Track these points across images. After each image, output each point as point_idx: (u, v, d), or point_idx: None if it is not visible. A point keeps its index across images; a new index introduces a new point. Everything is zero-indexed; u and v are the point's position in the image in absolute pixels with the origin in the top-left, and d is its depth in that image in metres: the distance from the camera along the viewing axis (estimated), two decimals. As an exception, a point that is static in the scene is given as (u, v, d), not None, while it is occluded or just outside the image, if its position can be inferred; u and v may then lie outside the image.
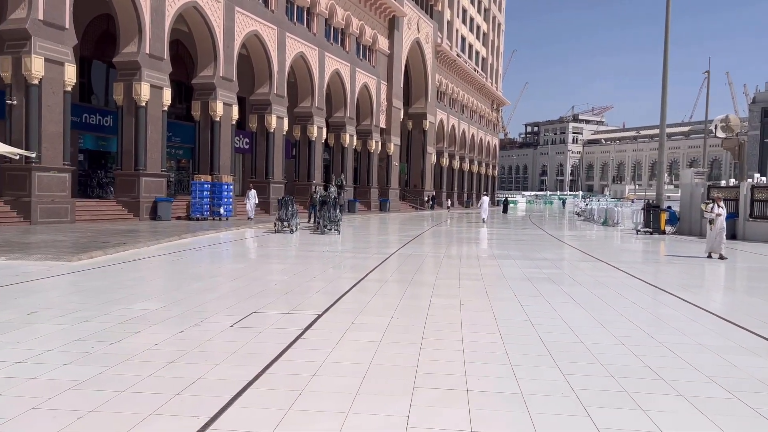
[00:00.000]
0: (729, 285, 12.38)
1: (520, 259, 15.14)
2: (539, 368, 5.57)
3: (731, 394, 4.92)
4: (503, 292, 9.84)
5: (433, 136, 58.95)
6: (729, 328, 7.59)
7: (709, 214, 16.39)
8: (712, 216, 16.22)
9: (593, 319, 7.85)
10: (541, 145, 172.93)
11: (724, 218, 16.37)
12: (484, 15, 77.92)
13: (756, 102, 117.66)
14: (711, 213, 16.33)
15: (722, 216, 16.33)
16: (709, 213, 16.41)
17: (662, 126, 27.64)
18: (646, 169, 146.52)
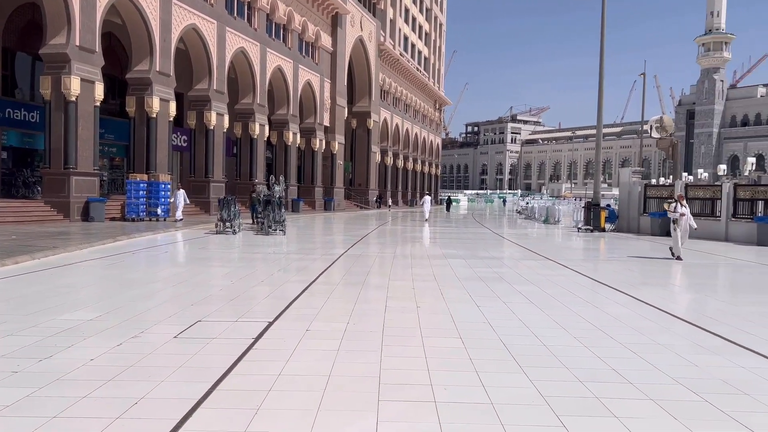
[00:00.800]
0: (677, 282, 12.67)
1: (470, 258, 15.09)
2: (505, 374, 5.38)
3: (699, 396, 4.85)
4: (458, 293, 9.66)
5: (377, 134, 58.81)
6: (683, 326, 7.65)
7: (673, 214, 15.81)
8: (676, 216, 15.68)
9: (551, 319, 7.76)
10: (481, 145, 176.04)
11: (687, 218, 15.93)
12: (426, 15, 78.44)
13: (682, 104, 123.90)
14: (675, 213, 15.77)
15: (686, 216, 15.88)
16: (673, 213, 15.84)
17: (599, 128, 28.39)
18: (581, 168, 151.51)
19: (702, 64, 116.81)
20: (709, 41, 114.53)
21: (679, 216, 15.60)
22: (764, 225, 20.36)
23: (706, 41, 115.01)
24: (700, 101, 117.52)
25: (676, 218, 15.64)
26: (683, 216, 15.69)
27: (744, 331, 7.26)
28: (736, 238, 21.72)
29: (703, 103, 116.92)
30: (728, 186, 22.88)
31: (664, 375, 5.43)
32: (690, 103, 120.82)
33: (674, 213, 15.73)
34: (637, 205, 26.63)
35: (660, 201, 25.67)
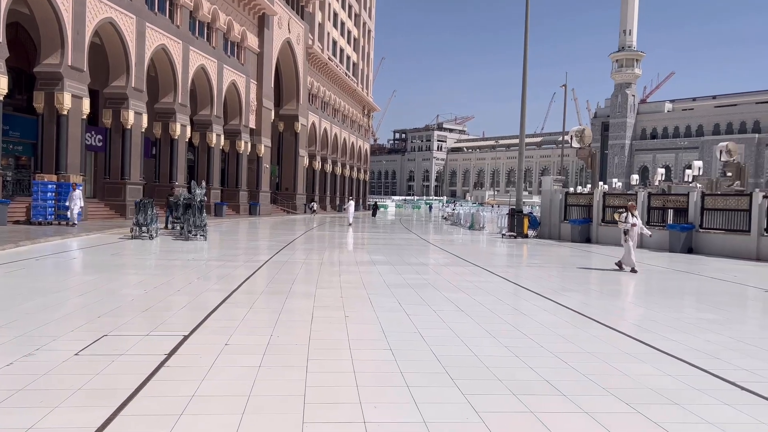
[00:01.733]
0: (601, 289, 12.96)
1: (399, 264, 14.89)
2: (438, 389, 5.13)
3: (631, 407, 4.78)
4: (387, 301, 9.39)
5: (305, 138, 58.02)
6: (609, 333, 7.70)
7: (624, 225, 14.77)
8: (627, 226, 14.67)
9: (481, 328, 7.62)
10: (408, 152, 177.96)
11: (639, 228, 15.10)
12: (355, 20, 78.42)
13: (597, 117, 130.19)
14: (626, 223, 14.74)
15: (637, 226, 14.99)
16: (624, 223, 14.79)
17: (521, 138, 29.09)
18: (504, 176, 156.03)
19: (616, 79, 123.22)
20: (622, 58, 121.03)
21: (631, 227, 14.64)
22: (675, 232, 21.40)
23: (620, 57, 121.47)
24: (614, 114, 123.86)
25: (628, 229, 14.63)
26: (634, 227, 14.78)
27: (667, 338, 7.38)
28: (649, 244, 22.69)
29: (616, 116, 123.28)
30: (643, 195, 23.94)
31: (595, 385, 5.35)
32: (605, 116, 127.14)
33: (625, 224, 14.74)
34: (558, 212, 27.44)
35: (580, 209, 26.58)
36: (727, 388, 5.36)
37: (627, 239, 14.50)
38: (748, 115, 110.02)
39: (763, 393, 5.21)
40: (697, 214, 21.51)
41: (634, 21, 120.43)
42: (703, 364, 6.11)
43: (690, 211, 21.72)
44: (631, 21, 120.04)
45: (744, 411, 4.75)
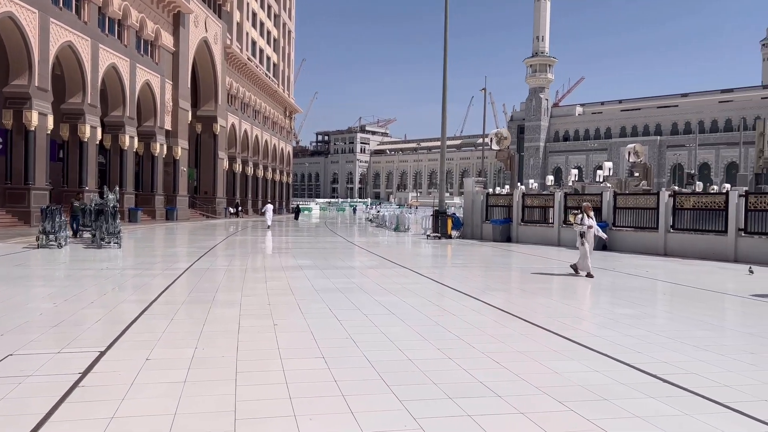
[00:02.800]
0: (528, 288, 13.29)
1: (326, 268, 14.69)
2: (374, 396, 5.02)
3: (564, 406, 4.85)
4: (317, 307, 9.19)
5: (224, 140, 56.48)
6: (537, 331, 7.86)
7: (580, 227, 13.72)
8: (583, 228, 13.61)
9: (413, 330, 7.59)
10: (332, 154, 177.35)
11: (594, 231, 13.89)
12: (275, 21, 77.23)
13: (513, 120, 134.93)
14: (581, 225, 13.69)
15: (594, 228, 13.86)
16: (579, 225, 13.74)
17: (443, 140, 29.58)
18: (426, 178, 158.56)
19: (530, 84, 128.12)
20: (536, 63, 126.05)
21: (587, 229, 13.61)
22: (590, 230, 22.37)
23: (533, 63, 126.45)
24: (529, 117, 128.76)
25: (584, 231, 13.60)
26: (591, 228, 13.71)
27: (591, 334, 7.62)
28: (567, 242, 23.62)
29: (531, 120, 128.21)
30: (559, 195, 24.90)
31: (528, 384, 5.41)
32: (520, 119, 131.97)
33: (581, 225, 13.68)
34: (480, 212, 28.07)
35: (501, 209, 27.31)
36: (651, 381, 5.57)
37: (583, 242, 13.52)
38: (651, 119, 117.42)
39: (684, 384, 5.44)
40: (610, 213, 22.60)
41: (547, 28, 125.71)
42: (626, 359, 6.33)
43: (603, 210, 22.78)
44: (543, 28, 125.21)
45: (668, 403, 4.94)
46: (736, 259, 18.19)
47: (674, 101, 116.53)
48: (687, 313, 9.45)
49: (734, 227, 18.50)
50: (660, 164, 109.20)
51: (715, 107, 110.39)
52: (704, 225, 19.73)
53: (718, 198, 19.75)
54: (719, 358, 6.48)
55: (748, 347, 7.10)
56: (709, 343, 7.15)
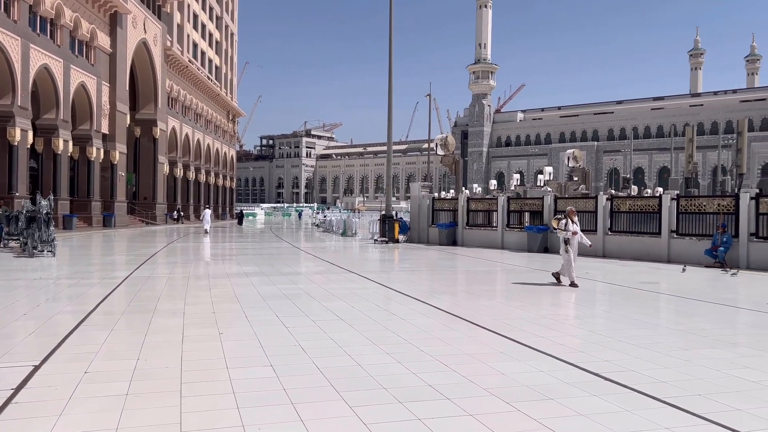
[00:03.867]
0: (469, 289, 13.47)
1: (272, 274, 14.49)
2: (324, 403, 4.97)
3: (512, 406, 4.94)
4: (264, 314, 9.05)
5: (165, 144, 54.96)
6: (483, 333, 7.98)
7: (564, 233, 12.68)
8: (567, 235, 12.62)
9: (362, 336, 7.57)
10: (276, 158, 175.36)
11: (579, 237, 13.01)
12: (217, 23, 75.85)
13: (457, 125, 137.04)
14: (566, 231, 12.65)
15: (578, 234, 12.96)
16: (564, 231, 12.68)
17: (389, 145, 29.76)
18: (372, 183, 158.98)
19: (473, 90, 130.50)
20: (479, 70, 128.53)
21: (571, 235, 12.66)
22: (532, 233, 22.97)
23: (476, 70, 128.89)
24: (472, 123, 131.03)
25: (568, 238, 12.62)
26: (575, 235, 12.78)
27: (536, 335, 7.79)
28: (510, 245, 24.18)
29: (474, 125, 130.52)
30: (502, 199, 25.45)
31: (477, 387, 5.49)
32: (464, 125, 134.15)
33: (565, 231, 12.67)
34: (426, 217, 28.36)
35: (447, 213, 27.66)
36: (593, 379, 5.75)
37: (567, 249, 12.57)
38: (588, 125, 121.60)
39: (624, 382, 5.64)
40: (551, 216, 23.23)
41: (488, 35, 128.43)
42: (570, 359, 6.51)
43: (545, 213, 23.42)
44: (485, 35, 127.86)
45: (610, 400, 5.11)
46: (669, 259, 19.03)
47: (610, 108, 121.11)
48: (624, 313, 9.82)
49: (667, 229, 19.36)
50: (597, 169, 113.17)
51: (648, 114, 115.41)
52: (640, 227, 20.56)
53: (651, 201, 20.63)
54: (655, 355, 6.75)
55: (681, 344, 7.43)
56: (645, 341, 7.44)
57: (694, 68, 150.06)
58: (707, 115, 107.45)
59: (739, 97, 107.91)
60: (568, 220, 12.78)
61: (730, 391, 5.38)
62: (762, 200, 17.56)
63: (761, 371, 6.08)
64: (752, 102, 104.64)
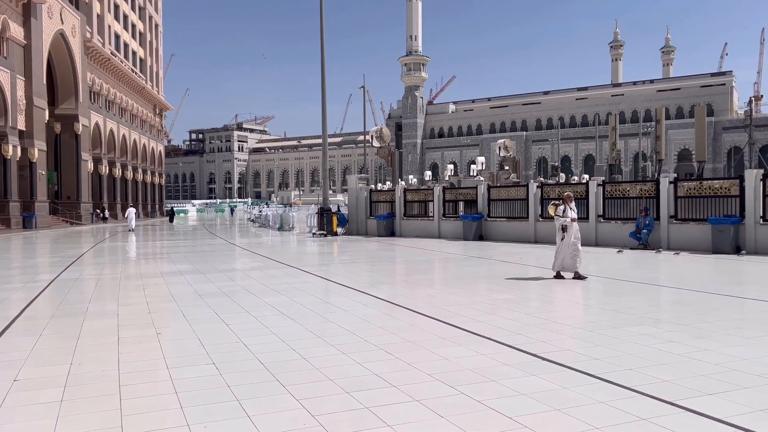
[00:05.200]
0: (411, 279, 13.63)
1: (209, 272, 14.17)
2: (270, 398, 4.94)
3: (456, 390, 5.07)
4: (203, 312, 8.85)
5: (88, 140, 52.55)
6: (424, 320, 8.12)
7: (562, 219, 11.72)
8: (567, 221, 11.67)
9: (305, 329, 7.55)
10: (207, 153, 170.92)
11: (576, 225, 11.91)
12: (140, 13, 72.96)
13: (391, 117, 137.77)
14: (564, 217, 11.72)
15: (576, 222, 11.91)
16: (562, 217, 11.74)
17: (324, 138, 29.62)
18: (308, 176, 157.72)
19: (405, 82, 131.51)
20: (410, 62, 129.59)
21: (570, 222, 11.70)
22: (467, 222, 23.47)
23: (408, 62, 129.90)
24: (405, 115, 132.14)
25: (567, 224, 11.67)
26: (574, 221, 11.79)
27: (475, 319, 8.00)
28: (446, 234, 24.62)
29: (408, 117, 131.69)
30: (438, 189, 25.85)
31: (422, 373, 5.59)
32: (398, 117, 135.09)
33: (563, 218, 11.72)
34: (364, 209, 28.44)
35: (384, 204, 27.83)
36: (532, 360, 5.97)
37: (564, 237, 11.62)
38: (517, 116, 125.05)
39: (560, 361, 5.88)
40: (485, 205, 23.82)
41: (419, 27, 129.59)
42: (509, 341, 6.72)
43: (479, 202, 23.97)
44: (416, 27, 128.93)
45: (548, 379, 5.32)
46: (597, 243, 19.90)
47: (537, 99, 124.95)
48: (559, 296, 10.22)
49: (594, 214, 20.22)
50: (527, 158, 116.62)
51: (573, 104, 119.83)
52: (568, 213, 21.38)
53: (579, 188, 21.48)
54: (588, 334, 7.08)
55: (611, 322, 7.81)
56: (578, 321, 7.79)
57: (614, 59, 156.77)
58: (628, 105, 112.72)
59: (656, 87, 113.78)
60: (566, 206, 11.81)
61: (657, 364, 5.72)
62: (680, 184, 18.64)
63: (684, 344, 6.49)
64: (668, 92, 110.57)
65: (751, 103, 68.28)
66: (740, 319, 8.25)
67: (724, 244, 16.54)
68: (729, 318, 8.07)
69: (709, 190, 17.91)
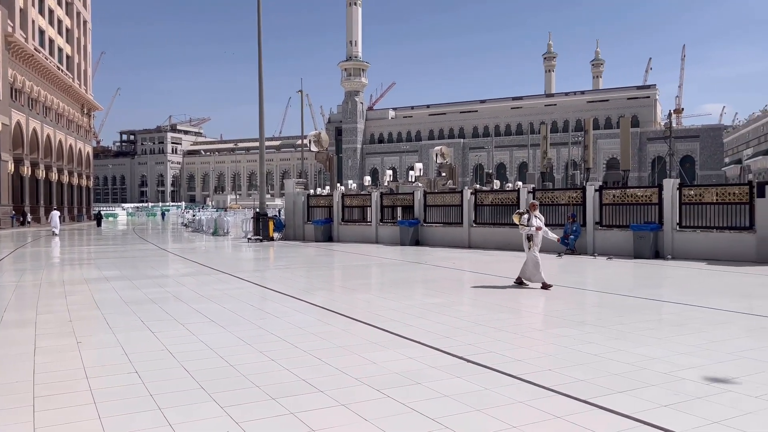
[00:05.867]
0: (345, 284, 13.65)
1: (137, 278, 13.73)
2: (193, 406, 4.87)
3: (382, 393, 5.14)
4: (128, 320, 8.58)
5: (8, 140, 49.80)
6: (357, 326, 8.18)
7: (527, 228, 11.37)
8: (531, 230, 11.35)
9: (234, 336, 7.45)
10: (139, 155, 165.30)
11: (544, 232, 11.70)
12: (67, 9, 69.84)
13: (331, 122, 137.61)
14: (529, 227, 11.36)
15: (543, 230, 11.64)
16: (527, 226, 11.38)
17: (261, 141, 29.29)
18: (245, 180, 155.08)
19: (345, 87, 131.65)
20: (350, 67, 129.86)
21: (535, 230, 11.40)
22: (404, 227, 23.71)
23: (348, 67, 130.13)
24: (345, 120, 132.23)
25: (532, 234, 11.36)
26: (539, 230, 11.52)
27: (406, 324, 8.12)
28: (384, 239, 24.78)
29: (348, 122, 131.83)
30: (376, 195, 26.01)
31: (349, 377, 5.63)
32: (337, 121, 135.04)
33: (528, 227, 11.40)
34: (302, 213, 28.25)
35: (322, 209, 27.75)
36: (457, 362, 6.12)
37: (531, 246, 11.34)
38: (455, 123, 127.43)
39: (484, 363, 6.06)
40: (421, 211, 24.14)
41: (359, 32, 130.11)
42: (437, 344, 6.87)
43: (415, 208, 24.27)
44: (356, 32, 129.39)
45: (472, 381, 5.48)
46: (527, 248, 20.50)
47: (474, 107, 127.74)
48: (488, 299, 10.50)
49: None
50: (464, 165, 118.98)
51: (508, 113, 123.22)
52: (502, 219, 21.94)
53: (511, 195, 22.12)
54: (513, 337, 7.32)
55: (537, 325, 8.11)
56: (506, 324, 8.03)
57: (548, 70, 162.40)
58: (560, 114, 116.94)
59: (587, 98, 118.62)
60: (531, 214, 11.54)
61: (575, 365, 5.98)
62: (605, 192, 19.50)
63: (601, 345, 6.82)
64: (597, 102, 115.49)
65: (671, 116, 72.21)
66: (654, 320, 8.73)
67: (645, 250, 17.41)
68: (644, 319, 8.52)
69: (632, 197, 18.82)
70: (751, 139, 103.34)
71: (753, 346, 6.80)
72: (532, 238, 11.36)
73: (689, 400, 4.87)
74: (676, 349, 6.55)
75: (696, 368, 5.79)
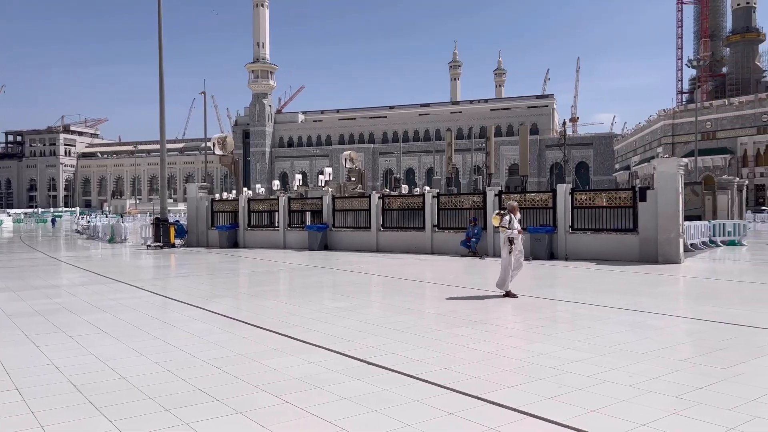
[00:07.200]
0: (249, 291, 13.39)
1: (22, 289, 12.79)
2: (80, 421, 4.64)
3: (281, 399, 5.13)
4: (9, 334, 7.99)
5: None
6: (259, 333, 8.07)
7: (509, 231, 10.65)
8: (513, 233, 10.66)
9: (128, 347, 7.14)
10: (27, 157, 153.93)
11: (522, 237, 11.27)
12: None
13: (238, 124, 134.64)
14: (511, 229, 10.66)
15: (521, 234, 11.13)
16: (508, 229, 10.66)
17: (162, 143, 28.19)
18: (146, 184, 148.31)
19: (253, 89, 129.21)
20: (258, 69, 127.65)
21: (516, 234, 10.76)
22: (312, 232, 23.61)
23: (255, 68, 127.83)
24: (253, 123, 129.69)
25: (513, 237, 10.68)
26: (520, 233, 11.01)
27: (310, 329, 8.11)
28: (292, 244, 24.55)
29: (256, 125, 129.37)
30: (283, 199, 25.72)
31: (248, 385, 5.57)
32: (245, 124, 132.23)
33: (509, 230, 10.68)
34: (205, 219, 27.42)
35: (227, 215, 27.06)
36: (358, 365, 6.20)
37: (511, 250, 10.66)
38: (365, 128, 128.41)
39: (384, 364, 6.18)
40: (330, 215, 24.14)
41: (267, 34, 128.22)
42: (338, 348, 6.92)
43: (324, 212, 24.24)
44: (263, 34, 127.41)
45: (371, 382, 5.57)
46: (432, 251, 21.06)
47: (384, 113, 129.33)
48: (392, 302, 10.69)
49: (430, 224, 21.39)
50: (374, 169, 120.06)
51: (416, 119, 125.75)
52: (408, 223, 22.39)
53: (417, 199, 22.62)
54: (414, 338, 7.50)
55: (437, 326, 8.35)
56: (407, 326, 8.22)
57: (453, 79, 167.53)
58: (465, 121, 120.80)
59: (490, 106, 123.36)
60: (512, 216, 10.82)
61: (469, 362, 6.23)
62: (504, 196, 20.37)
63: (496, 343, 7.14)
64: (500, 110, 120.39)
65: (565, 125, 76.59)
66: (547, 318, 9.24)
67: (541, 251, 18.36)
68: (538, 317, 9.00)
69: (530, 201, 19.79)
70: (638, 147, 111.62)
71: (631, 339, 7.36)
72: (513, 241, 10.67)
73: (571, 392, 5.22)
74: (564, 345, 6.98)
75: (580, 362, 6.20)
